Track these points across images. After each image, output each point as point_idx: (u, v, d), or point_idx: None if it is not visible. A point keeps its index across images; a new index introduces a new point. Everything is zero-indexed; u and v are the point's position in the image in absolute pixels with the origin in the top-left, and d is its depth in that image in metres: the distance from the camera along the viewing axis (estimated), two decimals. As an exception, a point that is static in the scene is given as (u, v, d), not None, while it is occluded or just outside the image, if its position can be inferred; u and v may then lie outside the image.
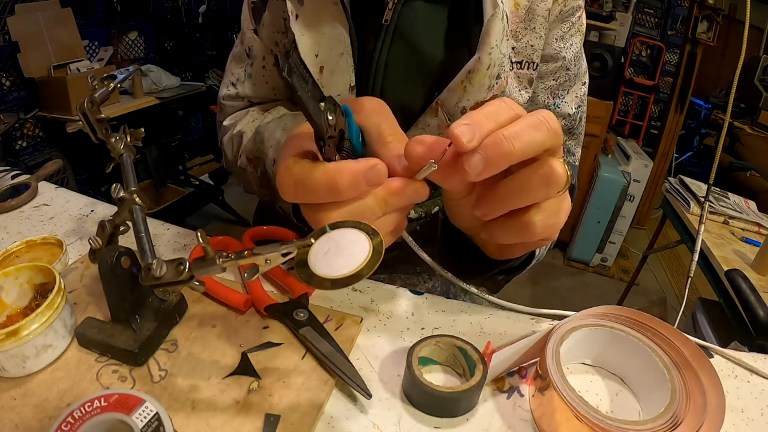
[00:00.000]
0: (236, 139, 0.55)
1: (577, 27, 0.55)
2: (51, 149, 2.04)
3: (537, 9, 0.50)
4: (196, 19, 2.65)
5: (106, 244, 0.41)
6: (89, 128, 0.40)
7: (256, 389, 0.35)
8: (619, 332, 0.38)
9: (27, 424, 0.32)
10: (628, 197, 2.38)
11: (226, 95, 0.60)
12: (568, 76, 0.56)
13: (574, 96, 0.57)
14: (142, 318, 0.38)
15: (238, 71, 0.59)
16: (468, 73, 0.46)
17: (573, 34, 0.54)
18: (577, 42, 0.55)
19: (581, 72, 0.57)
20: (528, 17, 0.50)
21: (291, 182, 0.31)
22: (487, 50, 0.45)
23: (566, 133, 0.59)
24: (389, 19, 0.49)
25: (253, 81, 0.58)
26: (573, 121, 0.58)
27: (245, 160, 0.53)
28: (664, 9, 3.09)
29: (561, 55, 0.54)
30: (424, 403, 0.36)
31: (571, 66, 0.55)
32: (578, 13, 0.54)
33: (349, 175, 0.30)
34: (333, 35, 0.48)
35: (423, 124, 0.50)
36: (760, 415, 0.39)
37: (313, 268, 0.29)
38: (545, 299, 2.23)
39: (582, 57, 0.58)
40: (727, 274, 1.08)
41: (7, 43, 1.75)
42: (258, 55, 0.56)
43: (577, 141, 0.61)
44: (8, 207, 0.57)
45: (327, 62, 0.49)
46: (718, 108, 3.05)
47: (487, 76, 0.46)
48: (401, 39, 0.50)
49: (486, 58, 0.45)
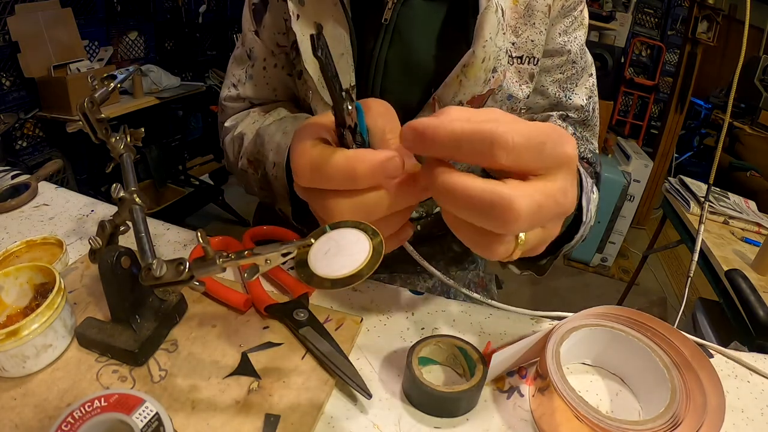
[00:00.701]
0: (237, 140, 0.56)
1: (579, 21, 0.55)
2: (51, 149, 2.03)
3: (536, 4, 0.50)
4: (196, 19, 2.65)
5: (106, 244, 0.41)
6: (89, 128, 0.40)
7: (256, 389, 0.35)
8: (619, 332, 0.38)
9: (27, 424, 0.32)
10: (628, 197, 2.38)
11: (228, 96, 0.60)
12: (575, 68, 0.56)
13: (583, 87, 0.58)
14: (142, 318, 0.38)
15: (239, 72, 0.59)
16: (463, 67, 0.46)
17: (576, 27, 0.55)
18: (581, 35, 0.56)
19: (587, 64, 0.58)
20: (527, 12, 0.50)
21: (308, 165, 0.30)
22: (481, 43, 0.45)
23: (581, 125, 0.59)
24: (389, 19, 0.49)
25: (254, 82, 0.58)
26: (586, 113, 0.58)
27: (246, 162, 0.53)
28: (664, 9, 3.09)
29: (566, 49, 0.54)
30: (424, 403, 0.36)
31: (578, 59, 0.56)
32: (580, 7, 0.54)
33: (368, 163, 0.29)
34: (334, 36, 0.48)
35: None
36: (760, 415, 0.39)
37: (313, 268, 0.29)
38: (545, 299, 2.23)
39: (586, 50, 0.58)
40: (727, 274, 1.08)
41: (7, 43, 1.75)
42: (259, 57, 0.57)
43: (592, 132, 0.61)
44: (8, 207, 0.57)
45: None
46: (718, 108, 3.05)
47: (483, 69, 0.47)
48: (400, 38, 0.50)
49: (480, 51, 0.46)
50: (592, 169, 0.59)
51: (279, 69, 0.56)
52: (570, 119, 0.59)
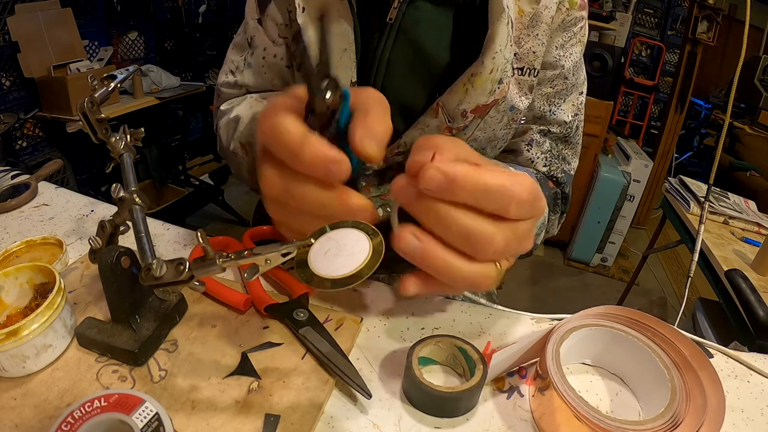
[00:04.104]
0: (232, 124, 0.55)
1: (578, 38, 0.55)
2: (51, 149, 2.03)
3: (541, 16, 0.50)
4: (196, 19, 2.65)
5: (106, 244, 0.41)
6: (89, 128, 0.40)
7: (256, 389, 0.35)
8: (619, 332, 0.38)
9: (27, 424, 0.32)
10: (628, 197, 2.37)
11: (225, 82, 0.60)
12: (565, 84, 0.56)
13: (570, 105, 0.58)
14: (142, 318, 0.38)
15: (238, 59, 0.59)
16: (471, 76, 0.46)
17: (574, 44, 0.55)
18: (577, 52, 0.55)
19: (579, 82, 0.58)
20: (532, 24, 0.50)
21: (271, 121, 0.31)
22: (491, 54, 0.45)
23: (562, 141, 0.60)
24: (394, 18, 0.49)
25: (252, 70, 0.58)
26: (569, 129, 0.58)
27: (238, 145, 0.53)
28: (664, 9, 3.09)
29: (560, 64, 0.54)
30: (424, 403, 0.36)
31: (569, 75, 0.56)
32: (580, 24, 0.54)
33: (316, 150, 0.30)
34: (338, 31, 0.48)
35: (423, 125, 0.50)
36: (760, 415, 0.39)
37: (313, 268, 0.29)
38: (545, 299, 2.23)
39: (581, 67, 0.58)
40: (727, 274, 1.07)
41: (7, 43, 1.75)
42: (259, 46, 0.56)
43: (573, 151, 0.61)
44: (8, 207, 0.57)
45: (330, 57, 0.49)
46: (718, 108, 3.05)
47: (490, 80, 0.47)
48: (405, 38, 0.50)
49: (489, 62, 0.46)
50: (559, 190, 0.60)
51: (278, 60, 0.56)
52: (551, 134, 0.58)
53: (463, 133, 0.51)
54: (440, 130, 0.50)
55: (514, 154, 0.60)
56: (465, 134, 0.52)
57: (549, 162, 0.60)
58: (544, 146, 0.59)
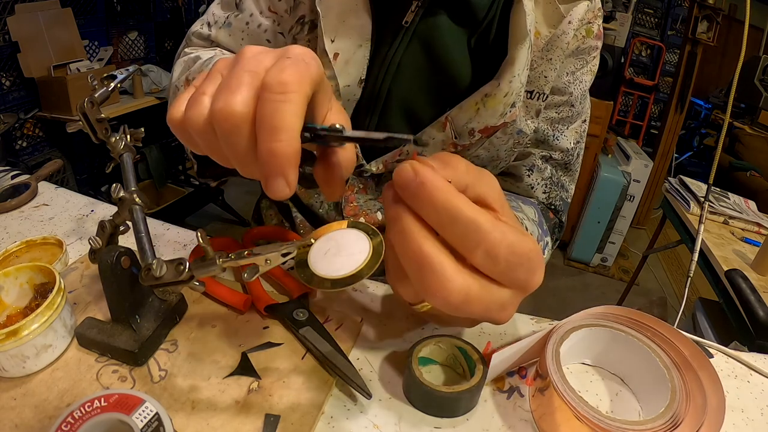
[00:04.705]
0: (190, 62, 0.52)
1: (589, 67, 0.55)
2: (51, 149, 2.04)
3: (558, 41, 0.49)
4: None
5: (106, 244, 0.41)
6: (89, 128, 0.40)
7: (256, 389, 0.35)
8: (619, 332, 0.38)
9: (27, 424, 0.32)
10: (628, 197, 2.38)
11: (198, 32, 0.57)
12: (571, 111, 0.56)
13: (573, 132, 0.57)
14: (142, 318, 0.38)
15: (221, 15, 0.56)
16: (484, 96, 0.46)
17: (585, 72, 0.54)
18: (587, 81, 0.55)
19: (584, 110, 0.57)
20: (547, 47, 0.49)
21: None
22: (508, 78, 0.45)
23: (562, 168, 0.59)
24: (409, 22, 0.48)
25: (230, 31, 0.55)
26: (570, 156, 0.58)
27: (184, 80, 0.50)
28: (664, 9, 3.10)
29: (569, 90, 0.54)
30: (424, 403, 0.36)
31: (576, 103, 0.55)
32: (594, 53, 0.54)
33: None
34: (355, 25, 0.47)
35: (428, 136, 0.49)
36: (760, 415, 0.39)
37: (313, 268, 0.29)
38: (545, 299, 2.23)
39: (588, 96, 0.57)
40: (727, 274, 1.07)
41: (7, 43, 1.75)
42: (246, 10, 0.54)
43: (572, 178, 0.61)
44: (8, 207, 0.57)
45: (343, 51, 0.48)
46: (718, 108, 3.05)
47: (503, 103, 0.46)
48: (418, 43, 0.49)
49: (506, 86, 0.45)
50: (557, 219, 0.59)
51: (261, 31, 0.54)
52: (552, 161, 0.58)
53: (466, 150, 0.51)
54: (445, 145, 0.50)
55: (515, 178, 0.59)
56: (468, 151, 0.51)
57: (549, 189, 0.59)
58: (545, 173, 0.58)
